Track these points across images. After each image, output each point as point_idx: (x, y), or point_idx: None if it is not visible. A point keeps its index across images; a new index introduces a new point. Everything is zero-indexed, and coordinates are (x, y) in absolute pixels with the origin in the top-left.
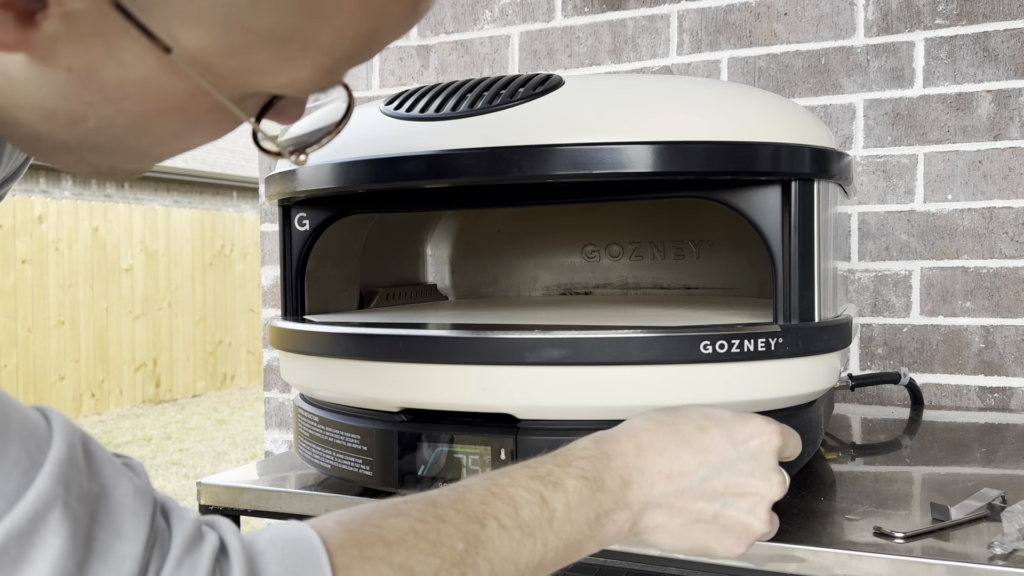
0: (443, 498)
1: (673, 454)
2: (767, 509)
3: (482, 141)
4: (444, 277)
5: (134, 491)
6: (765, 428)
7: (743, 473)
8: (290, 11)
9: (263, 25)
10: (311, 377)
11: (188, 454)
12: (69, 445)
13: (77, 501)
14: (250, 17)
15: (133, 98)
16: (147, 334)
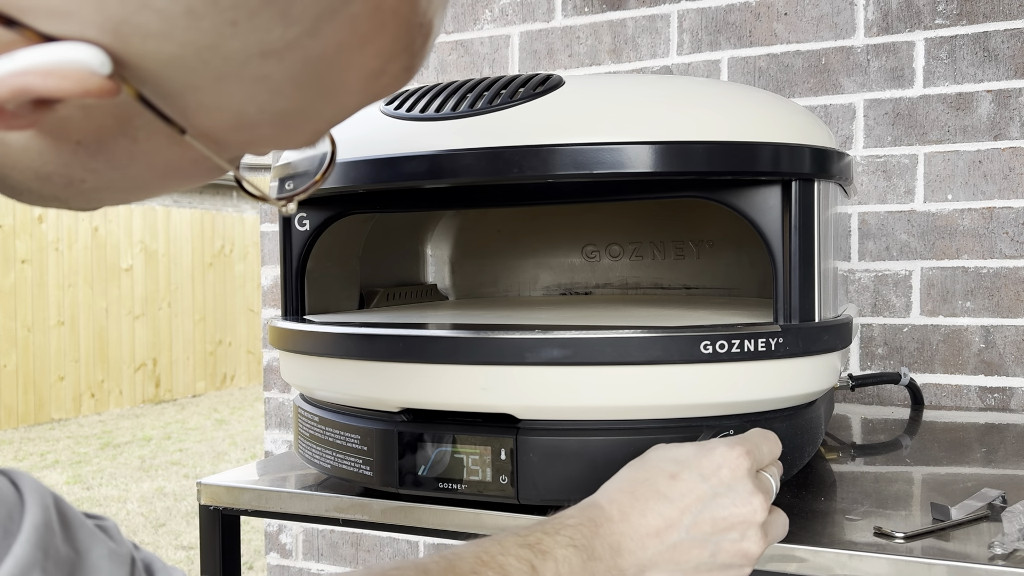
0: (434, 565)
1: (655, 511)
2: (758, 531)
3: (482, 141)
4: (444, 277)
5: (108, 554)
6: (730, 454)
7: (724, 507)
8: (304, 96)
9: (277, 109)
10: (311, 377)
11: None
12: (43, 509)
13: (55, 566)
14: (267, 103)
15: (139, 165)
16: (147, 334)
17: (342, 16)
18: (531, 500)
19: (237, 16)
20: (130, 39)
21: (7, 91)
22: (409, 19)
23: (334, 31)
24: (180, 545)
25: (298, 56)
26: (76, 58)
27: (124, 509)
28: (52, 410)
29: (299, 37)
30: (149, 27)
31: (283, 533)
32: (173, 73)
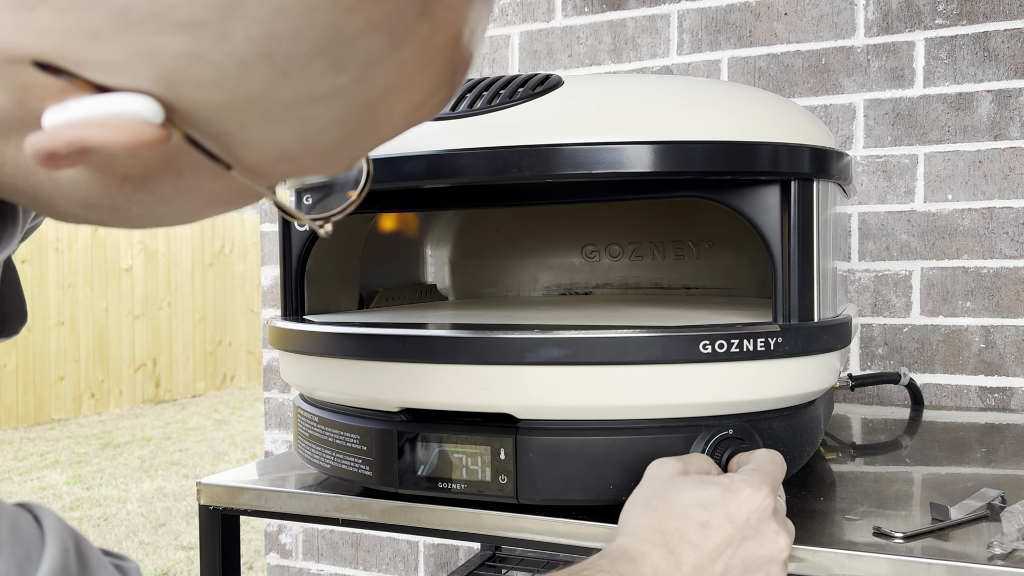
0: None
1: (691, 564)
2: (781, 567)
3: (481, 141)
4: (444, 277)
5: None
6: (757, 496)
7: (753, 549)
8: (347, 132)
9: (321, 144)
10: (311, 377)
11: (188, 454)
12: (63, 552)
13: None
14: (312, 140)
15: (183, 197)
16: (147, 334)
17: (390, 61)
18: (531, 500)
19: (288, 67)
20: (182, 88)
21: (63, 143)
22: (453, 56)
23: (382, 76)
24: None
25: (345, 100)
26: (130, 110)
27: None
28: (52, 410)
29: (348, 84)
30: (201, 78)
31: (283, 533)
32: (222, 116)
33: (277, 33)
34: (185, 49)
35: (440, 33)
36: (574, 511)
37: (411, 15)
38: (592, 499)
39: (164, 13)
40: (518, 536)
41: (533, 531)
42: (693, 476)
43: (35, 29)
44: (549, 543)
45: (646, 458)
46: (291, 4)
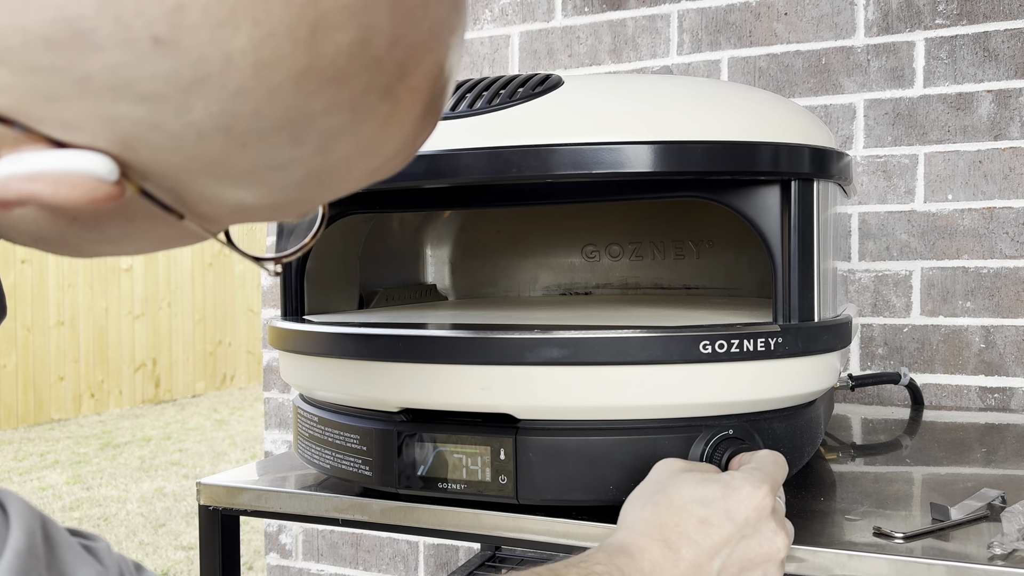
0: None
1: (689, 561)
2: (778, 567)
3: (482, 141)
4: (444, 277)
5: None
6: (756, 495)
7: (751, 547)
8: (303, 192)
9: (275, 201)
10: (311, 377)
11: (188, 454)
12: (28, 534)
13: None
14: (266, 198)
15: (132, 238)
16: (147, 334)
17: (350, 136)
18: (531, 500)
19: (247, 140)
20: (139, 150)
21: (14, 195)
22: (414, 126)
23: (341, 148)
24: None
25: (303, 168)
26: (85, 168)
27: (124, 509)
28: (52, 410)
29: (306, 155)
30: (159, 144)
31: (283, 533)
32: (177, 175)
33: (237, 111)
34: (144, 118)
35: (402, 110)
36: (574, 511)
37: (373, 97)
38: (592, 499)
39: (125, 85)
40: (518, 536)
41: (533, 531)
42: (695, 473)
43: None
44: (549, 543)
45: (646, 458)
46: (253, 86)
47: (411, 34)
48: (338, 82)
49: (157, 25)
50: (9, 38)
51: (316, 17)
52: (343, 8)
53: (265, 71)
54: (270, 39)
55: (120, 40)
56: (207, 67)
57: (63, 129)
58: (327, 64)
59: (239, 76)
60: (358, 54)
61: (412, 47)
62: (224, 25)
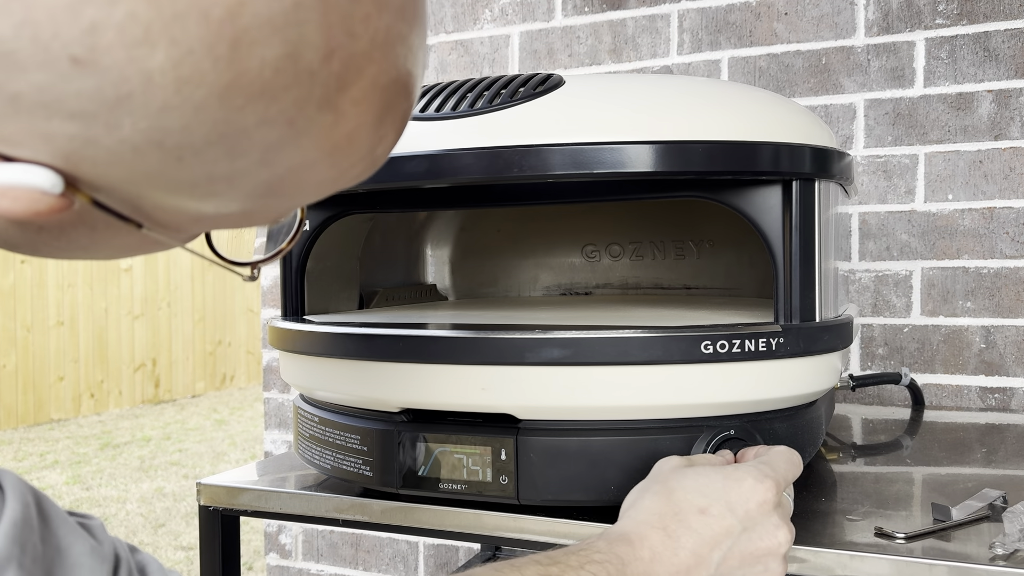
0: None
1: (688, 550)
2: (780, 562)
3: (482, 141)
4: (444, 277)
5: (89, 551)
6: (760, 488)
7: (752, 540)
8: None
9: (232, 211)
10: (311, 377)
11: (187, 454)
12: (23, 505)
13: (32, 562)
14: (222, 208)
15: (99, 245)
16: (146, 334)
17: (292, 147)
18: (531, 500)
19: (182, 154)
20: (80, 164)
21: None
22: (369, 137)
23: (285, 159)
24: (180, 546)
25: (248, 179)
26: (27, 181)
27: (123, 509)
28: (51, 410)
29: (248, 166)
30: (97, 158)
31: (283, 533)
32: (125, 187)
33: (166, 126)
34: (78, 134)
35: (347, 120)
36: (575, 512)
37: (310, 109)
38: (593, 500)
39: (54, 103)
40: (519, 537)
41: (534, 532)
42: (697, 467)
43: None
44: (550, 544)
45: (647, 459)
46: (178, 102)
47: (348, 45)
48: (268, 96)
49: (74, 46)
50: None
51: (236, 33)
52: (265, 24)
53: (187, 88)
54: (189, 56)
55: (41, 61)
56: (128, 86)
57: (6, 144)
58: (253, 79)
59: (162, 93)
60: (287, 68)
61: (350, 58)
62: (140, 44)
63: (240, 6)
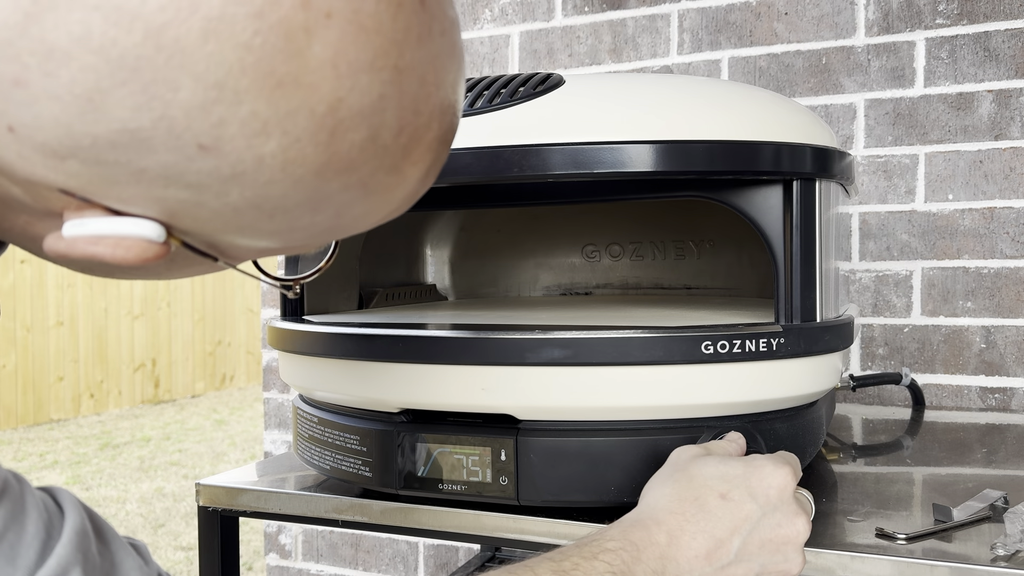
0: None
1: (707, 533)
2: (799, 551)
3: (482, 140)
4: (444, 277)
5: (138, 568)
6: (779, 473)
7: (772, 527)
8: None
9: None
10: (310, 377)
11: (187, 455)
12: (81, 519)
13: (93, 569)
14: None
15: (170, 273)
16: (146, 334)
17: (362, 204)
18: (531, 501)
19: (275, 213)
20: (183, 219)
21: (78, 254)
22: (416, 188)
23: (354, 212)
24: (179, 546)
25: (320, 228)
26: (139, 233)
27: (123, 510)
28: (51, 410)
29: (324, 219)
30: (200, 216)
31: (282, 534)
32: (214, 235)
33: (267, 195)
34: (188, 199)
35: (407, 180)
36: (575, 512)
37: (381, 175)
38: (593, 500)
39: (175, 176)
40: (519, 538)
41: (534, 532)
42: (716, 455)
43: (63, 172)
44: (550, 545)
45: (648, 459)
46: (281, 178)
47: (414, 121)
48: (351, 169)
49: (203, 136)
50: (81, 140)
51: (335, 124)
52: (357, 114)
53: (291, 167)
54: (296, 144)
55: (172, 146)
56: (243, 166)
57: (120, 203)
58: (343, 158)
59: (269, 172)
60: (369, 147)
61: (414, 131)
62: (258, 135)
63: (339, 102)
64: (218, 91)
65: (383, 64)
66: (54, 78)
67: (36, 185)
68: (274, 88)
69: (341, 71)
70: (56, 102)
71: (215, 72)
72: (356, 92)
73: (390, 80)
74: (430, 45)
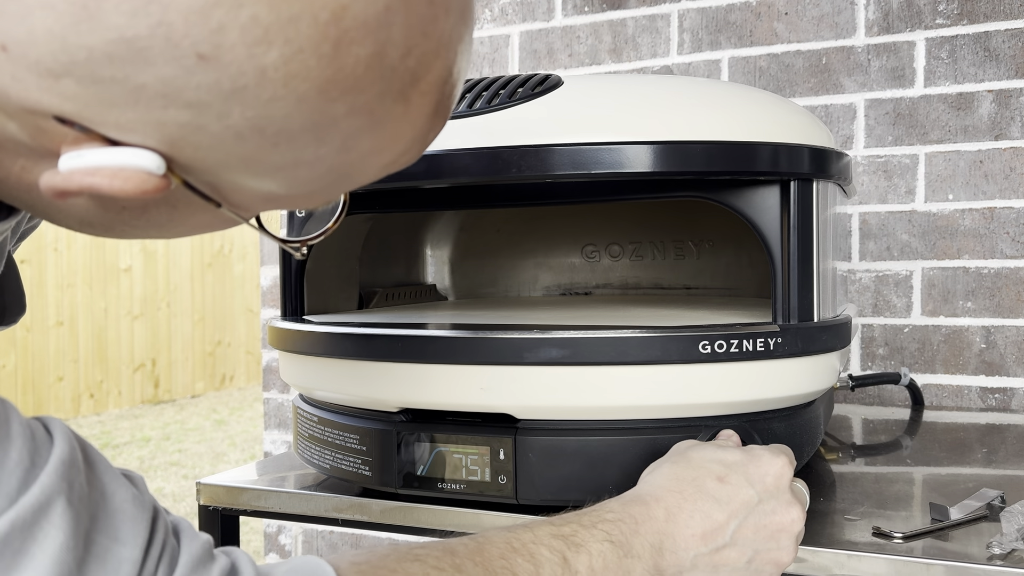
0: (462, 547)
1: (704, 513)
2: (792, 540)
3: (482, 141)
4: (444, 277)
5: (132, 498)
6: (777, 462)
7: (767, 513)
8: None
9: (302, 191)
10: (310, 377)
11: (187, 455)
12: (71, 448)
13: (79, 500)
14: (294, 188)
15: (174, 223)
16: (146, 334)
17: (368, 135)
18: (530, 500)
19: (278, 140)
20: (183, 148)
21: (75, 187)
22: (425, 125)
23: (360, 145)
24: None
25: (326, 163)
26: (137, 163)
27: None
28: (51, 410)
29: (329, 152)
30: (201, 143)
31: (282, 534)
32: (216, 169)
33: (270, 115)
34: (189, 121)
35: (414, 111)
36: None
37: (388, 101)
38: (592, 499)
39: (174, 93)
40: None
41: None
42: (716, 442)
43: (59, 94)
44: None
45: (646, 458)
46: (284, 94)
47: (422, 44)
48: (357, 89)
49: (202, 44)
50: (76, 54)
51: (339, 34)
52: (362, 26)
53: (294, 81)
54: (298, 54)
55: (170, 56)
56: (244, 79)
57: (118, 130)
58: (348, 74)
59: (272, 86)
60: (375, 65)
61: (423, 56)
62: (259, 43)
63: (343, 10)
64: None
65: None
66: None
67: (32, 113)
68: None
69: None
70: (50, 11)
71: None
72: (361, 0)
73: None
74: None
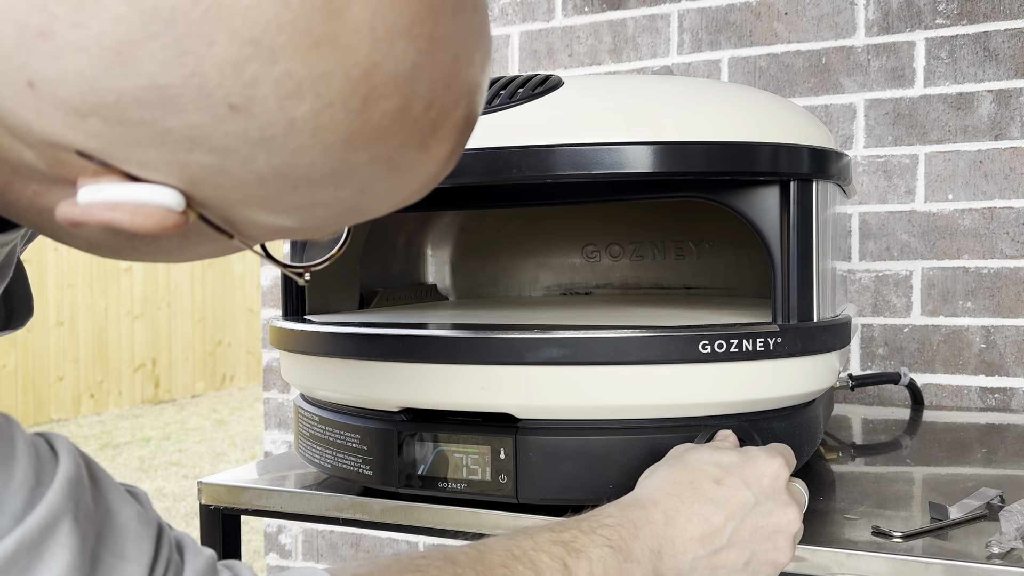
0: (463, 556)
1: (702, 516)
2: (789, 541)
3: (482, 141)
4: (444, 277)
5: (136, 515)
6: (773, 464)
7: (764, 515)
8: (340, 221)
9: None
10: (311, 377)
11: (187, 455)
12: (76, 465)
13: (85, 518)
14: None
15: (183, 252)
16: (146, 334)
17: (386, 180)
18: (530, 499)
19: (299, 184)
20: (203, 188)
21: (95, 219)
22: (439, 168)
23: (377, 189)
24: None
25: (343, 204)
26: (158, 200)
27: None
28: (51, 410)
29: (347, 195)
30: (222, 183)
31: (283, 534)
32: (233, 207)
33: (294, 163)
34: (212, 164)
35: (431, 156)
36: (574, 511)
37: (409, 150)
38: (592, 499)
39: (201, 139)
40: None
41: None
42: (712, 444)
43: (83, 132)
44: None
45: (646, 458)
46: (311, 144)
47: (444, 96)
48: (381, 140)
49: (234, 96)
50: (105, 96)
51: (368, 90)
52: (391, 81)
53: (321, 133)
54: (328, 108)
55: (201, 105)
56: (273, 130)
57: (140, 168)
58: (373, 127)
59: (299, 137)
60: (400, 117)
61: (443, 107)
62: (291, 97)
63: (375, 67)
64: (253, 48)
65: (419, 31)
66: (83, 29)
67: (53, 147)
68: (310, 48)
69: (378, 34)
70: (83, 55)
71: (251, 28)
72: (391, 58)
73: (425, 49)
74: (464, 18)
